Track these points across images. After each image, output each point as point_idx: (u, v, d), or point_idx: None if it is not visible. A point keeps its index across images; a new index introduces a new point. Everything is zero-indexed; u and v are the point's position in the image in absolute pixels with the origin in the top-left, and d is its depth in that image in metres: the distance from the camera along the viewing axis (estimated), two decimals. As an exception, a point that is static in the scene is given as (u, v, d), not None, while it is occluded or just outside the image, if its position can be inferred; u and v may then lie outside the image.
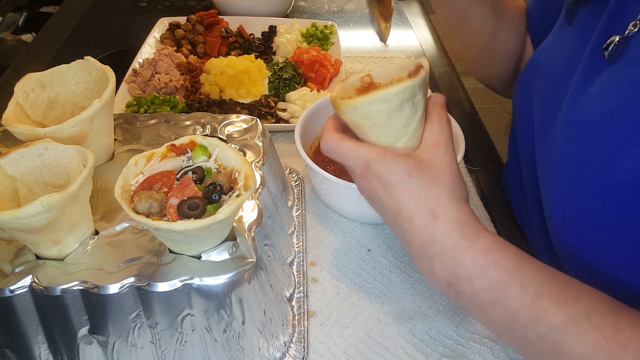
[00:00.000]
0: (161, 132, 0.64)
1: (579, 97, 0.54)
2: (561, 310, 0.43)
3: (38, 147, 0.49)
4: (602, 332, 0.41)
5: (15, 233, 0.45)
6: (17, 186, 0.48)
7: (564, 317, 0.42)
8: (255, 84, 0.98)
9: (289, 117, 0.91)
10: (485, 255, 0.46)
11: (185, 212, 0.44)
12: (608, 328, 0.41)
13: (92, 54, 0.59)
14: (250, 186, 0.44)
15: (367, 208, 0.70)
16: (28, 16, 1.68)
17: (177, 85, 0.95)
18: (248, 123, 0.66)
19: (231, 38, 1.12)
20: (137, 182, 0.46)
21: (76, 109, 0.59)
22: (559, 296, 0.43)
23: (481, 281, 0.45)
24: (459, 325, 0.61)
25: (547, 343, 0.43)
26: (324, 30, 1.14)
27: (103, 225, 0.51)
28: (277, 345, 0.55)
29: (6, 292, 0.45)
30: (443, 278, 0.47)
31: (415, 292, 0.64)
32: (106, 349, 0.49)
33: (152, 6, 1.34)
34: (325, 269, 0.67)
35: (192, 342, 0.49)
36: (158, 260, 0.48)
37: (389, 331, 0.60)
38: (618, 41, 0.51)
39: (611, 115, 0.49)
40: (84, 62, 0.58)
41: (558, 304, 0.43)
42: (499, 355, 0.57)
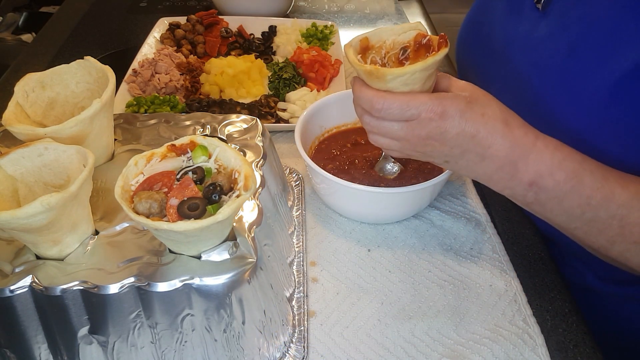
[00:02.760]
0: (161, 132, 0.64)
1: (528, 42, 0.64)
2: (624, 190, 0.52)
3: (38, 147, 0.49)
4: None
5: (15, 233, 0.45)
6: (17, 186, 0.48)
7: (628, 195, 0.52)
8: (255, 84, 0.98)
9: (289, 117, 0.91)
10: (558, 150, 0.53)
11: (185, 213, 0.44)
12: None
13: (92, 54, 0.59)
14: (250, 186, 0.44)
15: (367, 208, 0.71)
16: (28, 16, 1.68)
17: (177, 85, 0.95)
18: (248, 123, 0.66)
19: (231, 38, 1.12)
20: (137, 182, 0.46)
21: (76, 109, 0.59)
22: (620, 179, 0.53)
23: (560, 173, 0.52)
24: (459, 325, 0.61)
25: (615, 219, 0.52)
26: (324, 30, 1.14)
27: (103, 225, 0.51)
28: (277, 345, 0.55)
29: (6, 292, 0.45)
30: (526, 178, 0.53)
31: (415, 292, 0.64)
32: (106, 349, 0.49)
33: (152, 6, 1.34)
34: (325, 269, 0.67)
35: (192, 342, 0.49)
36: (158, 260, 0.48)
37: (389, 331, 0.60)
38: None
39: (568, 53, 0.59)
40: (84, 62, 0.58)
41: (621, 185, 0.52)
42: (499, 355, 0.57)
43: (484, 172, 0.55)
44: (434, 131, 0.53)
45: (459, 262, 0.68)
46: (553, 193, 0.53)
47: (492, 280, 0.65)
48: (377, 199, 0.67)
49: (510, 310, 0.62)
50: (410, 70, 0.51)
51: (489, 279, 0.66)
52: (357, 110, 0.59)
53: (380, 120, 0.55)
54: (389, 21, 1.31)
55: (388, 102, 0.52)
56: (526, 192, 0.54)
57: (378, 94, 0.53)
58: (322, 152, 0.79)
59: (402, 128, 0.54)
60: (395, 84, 0.52)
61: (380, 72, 0.51)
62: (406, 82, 0.52)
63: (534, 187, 0.53)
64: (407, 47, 0.55)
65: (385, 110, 0.53)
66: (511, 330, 0.60)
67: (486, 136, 0.52)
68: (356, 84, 0.56)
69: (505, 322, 0.61)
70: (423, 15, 1.39)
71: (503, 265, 0.67)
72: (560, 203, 0.54)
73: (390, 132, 0.55)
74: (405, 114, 0.53)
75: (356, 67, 0.54)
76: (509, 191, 0.56)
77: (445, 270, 0.67)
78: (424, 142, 0.54)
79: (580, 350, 0.59)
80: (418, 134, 0.54)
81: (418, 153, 0.57)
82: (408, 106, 0.52)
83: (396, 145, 0.57)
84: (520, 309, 0.62)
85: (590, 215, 0.53)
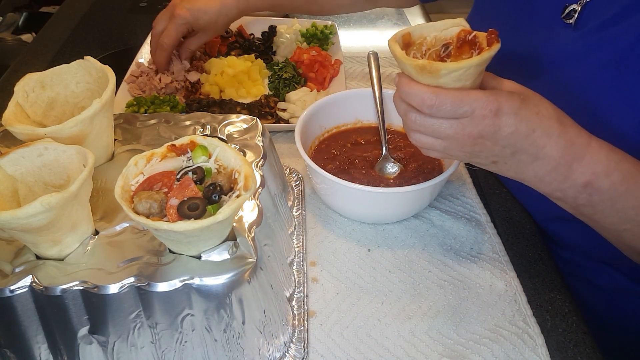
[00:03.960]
0: (161, 132, 0.64)
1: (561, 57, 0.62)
2: None
3: (38, 147, 0.49)
4: None
5: (15, 233, 0.45)
6: (17, 186, 0.48)
7: None
8: (255, 84, 0.98)
9: (289, 117, 0.91)
10: (613, 151, 0.52)
11: (185, 213, 0.44)
12: None
13: (92, 54, 0.59)
14: (250, 186, 0.44)
15: (367, 208, 0.71)
16: (28, 16, 1.67)
17: (177, 85, 0.95)
18: (248, 123, 0.66)
19: (231, 38, 1.12)
20: (137, 183, 0.46)
21: (76, 109, 0.59)
22: None
23: (617, 174, 0.51)
24: (459, 325, 0.61)
25: None
26: (324, 30, 1.13)
27: (103, 225, 0.51)
28: (277, 345, 0.55)
29: (6, 292, 0.45)
30: (581, 180, 0.52)
31: (415, 292, 0.64)
32: (106, 349, 0.49)
33: (152, 6, 1.33)
34: (325, 269, 0.67)
35: (192, 342, 0.49)
36: (158, 260, 0.48)
37: (389, 331, 0.60)
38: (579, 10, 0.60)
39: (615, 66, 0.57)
40: (84, 62, 0.58)
41: None
42: (499, 355, 0.57)
43: (535, 173, 0.53)
44: (487, 129, 0.50)
45: (459, 262, 0.68)
46: (608, 194, 0.52)
47: (492, 280, 0.65)
48: (377, 199, 0.67)
49: (510, 310, 0.62)
50: (467, 65, 0.49)
51: (489, 279, 0.66)
52: (401, 107, 0.55)
53: (429, 118, 0.52)
54: (389, 21, 1.31)
55: (441, 98, 0.50)
56: (579, 194, 0.53)
57: (430, 89, 0.50)
58: (322, 152, 0.79)
59: (452, 126, 0.51)
60: (448, 80, 0.50)
61: (434, 67, 0.49)
62: (459, 77, 0.50)
63: (588, 189, 0.52)
64: (450, 44, 0.53)
65: (437, 107, 0.50)
66: (511, 330, 0.60)
67: (541, 135, 0.51)
68: (403, 79, 0.53)
69: (505, 322, 0.61)
70: (423, 16, 1.39)
71: (503, 265, 0.67)
72: (614, 204, 0.53)
73: (438, 130, 0.52)
74: (459, 110, 0.50)
75: (405, 62, 0.51)
76: (559, 193, 0.54)
77: (445, 270, 0.67)
78: (474, 140, 0.52)
79: (580, 350, 0.59)
80: (469, 132, 0.51)
81: (464, 153, 0.55)
82: (462, 102, 0.50)
83: (440, 145, 0.54)
84: (520, 309, 0.62)
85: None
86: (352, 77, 1.06)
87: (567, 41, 0.62)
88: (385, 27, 1.29)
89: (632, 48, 0.57)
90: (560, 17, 0.63)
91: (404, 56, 0.51)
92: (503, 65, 0.68)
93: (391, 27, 1.29)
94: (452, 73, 0.49)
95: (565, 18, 0.62)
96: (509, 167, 0.54)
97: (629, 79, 0.57)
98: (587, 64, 0.60)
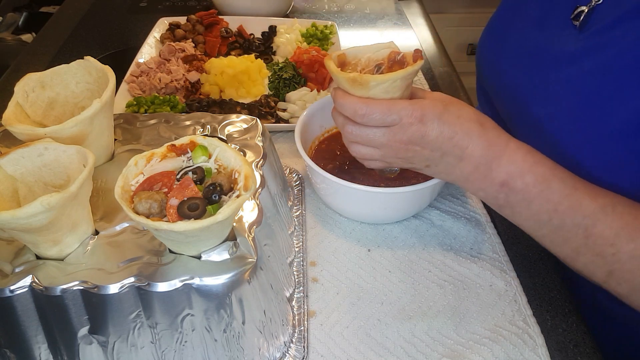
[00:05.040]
0: (161, 132, 0.64)
1: (562, 59, 0.63)
2: (592, 201, 0.52)
3: (38, 147, 0.49)
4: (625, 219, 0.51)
5: (15, 233, 0.45)
6: (17, 186, 0.48)
7: (595, 207, 0.52)
8: (255, 84, 0.98)
9: (289, 117, 0.91)
10: (530, 153, 0.55)
11: (185, 213, 0.44)
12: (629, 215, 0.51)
13: (92, 54, 0.59)
14: (250, 186, 0.44)
15: (367, 208, 0.71)
16: (28, 16, 1.68)
17: (178, 85, 0.95)
18: (248, 123, 0.66)
19: (231, 38, 1.12)
20: (137, 183, 0.46)
21: (76, 109, 0.59)
22: (590, 190, 0.53)
23: (530, 176, 0.54)
24: (459, 325, 0.61)
25: (580, 228, 0.52)
26: (324, 30, 1.13)
27: (103, 225, 0.51)
28: (277, 345, 0.55)
29: (6, 292, 0.45)
30: (498, 178, 0.55)
31: (415, 292, 0.64)
32: (106, 349, 0.49)
33: (152, 6, 1.34)
34: (325, 269, 0.67)
35: (192, 342, 0.49)
36: (158, 260, 0.48)
37: (389, 331, 0.60)
38: (586, 12, 0.61)
39: (602, 73, 0.57)
40: (84, 62, 0.58)
41: (590, 196, 0.53)
42: (499, 355, 0.57)
43: (461, 172, 0.57)
44: (415, 135, 0.55)
45: (459, 262, 0.68)
46: (522, 195, 0.54)
47: (492, 280, 0.65)
48: (377, 199, 0.67)
49: (510, 310, 0.62)
50: (392, 77, 0.54)
51: (489, 279, 0.66)
52: (338, 121, 0.60)
53: (363, 128, 0.57)
54: (389, 21, 1.31)
55: (371, 108, 0.55)
56: (497, 194, 0.56)
57: (361, 99, 0.55)
58: (322, 152, 0.79)
59: (385, 134, 0.56)
60: (377, 91, 0.55)
61: (364, 79, 0.54)
62: (387, 89, 0.55)
63: (504, 188, 0.55)
64: (381, 64, 0.58)
65: (368, 116, 0.55)
66: (511, 330, 0.60)
67: (463, 137, 0.54)
68: (338, 92, 0.58)
69: (505, 322, 0.61)
70: (423, 15, 1.39)
71: (503, 265, 0.67)
72: (529, 207, 0.55)
73: (373, 139, 0.57)
74: (387, 119, 0.55)
75: (339, 76, 0.56)
76: (482, 193, 0.58)
77: (445, 270, 0.67)
78: (405, 147, 0.56)
79: (580, 350, 0.59)
80: (400, 138, 0.56)
81: (400, 159, 0.59)
82: (390, 111, 0.54)
83: (378, 154, 0.59)
84: (520, 309, 0.62)
85: (556, 222, 0.54)
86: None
87: (570, 42, 0.63)
88: (385, 27, 1.29)
89: (623, 53, 0.56)
90: (570, 18, 0.63)
91: (338, 71, 0.57)
92: (515, 58, 0.71)
93: (391, 27, 1.29)
94: (381, 85, 0.55)
95: (574, 19, 0.62)
96: (440, 170, 0.58)
97: (609, 87, 0.57)
98: (580, 67, 0.60)
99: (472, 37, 1.85)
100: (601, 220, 0.52)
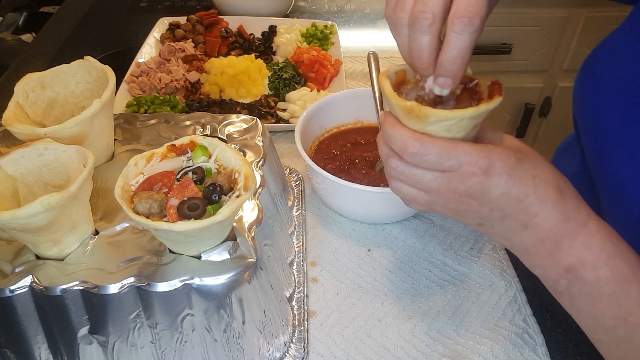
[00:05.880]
0: (161, 132, 0.64)
1: None
2: None
3: (38, 147, 0.49)
4: None
5: (16, 233, 0.45)
6: (17, 186, 0.48)
7: None
8: (255, 84, 0.98)
9: (289, 117, 0.91)
10: (612, 241, 0.44)
11: (185, 213, 0.44)
12: None
13: (92, 54, 0.59)
14: (250, 186, 0.44)
15: (367, 208, 0.71)
16: (28, 16, 1.67)
17: (178, 85, 0.95)
18: (248, 123, 0.66)
19: (231, 38, 1.12)
20: (137, 183, 0.46)
21: (76, 109, 0.59)
22: None
23: (605, 270, 0.43)
24: (459, 325, 0.61)
25: None
26: (324, 30, 1.14)
27: (103, 225, 0.51)
28: (277, 345, 0.55)
29: (6, 292, 0.45)
30: (565, 262, 0.44)
31: (415, 292, 0.64)
32: (106, 349, 0.49)
33: (152, 6, 1.34)
34: (325, 269, 0.67)
35: (192, 342, 0.49)
36: (158, 260, 0.48)
37: (389, 331, 0.60)
38: None
39: None
40: (84, 62, 0.58)
41: None
42: (499, 355, 0.57)
43: (522, 242, 0.47)
44: (474, 188, 0.44)
45: (459, 262, 0.68)
46: (588, 289, 0.44)
47: (492, 280, 0.65)
48: (377, 199, 0.67)
49: (510, 310, 0.62)
50: (459, 116, 0.43)
51: (489, 279, 0.66)
52: (383, 151, 0.49)
53: (412, 167, 0.46)
54: (389, 21, 1.31)
55: (426, 147, 0.44)
56: (559, 278, 0.46)
57: (415, 135, 0.44)
58: (322, 152, 0.79)
59: (437, 179, 0.46)
60: (437, 128, 0.45)
61: (423, 112, 0.44)
62: (450, 127, 0.44)
63: (570, 275, 0.45)
64: None
65: (420, 156, 0.44)
66: (511, 330, 0.60)
67: (534, 202, 0.44)
68: (388, 120, 0.47)
69: (505, 322, 0.61)
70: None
71: (503, 265, 0.67)
72: (593, 305, 0.45)
73: (421, 182, 0.47)
74: (444, 163, 0.44)
75: (392, 101, 0.46)
76: (540, 270, 0.48)
77: (445, 270, 0.67)
78: (459, 198, 0.46)
79: (580, 350, 0.59)
80: (455, 188, 0.45)
81: (448, 210, 0.49)
82: (449, 154, 0.43)
83: (423, 199, 0.48)
84: (520, 309, 0.62)
85: (623, 333, 0.44)
86: (352, 77, 1.06)
87: None
88: (385, 27, 1.29)
89: None
90: None
91: (392, 94, 0.46)
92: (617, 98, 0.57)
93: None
94: (443, 122, 0.44)
95: None
96: (496, 232, 0.48)
97: None
98: None
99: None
100: None
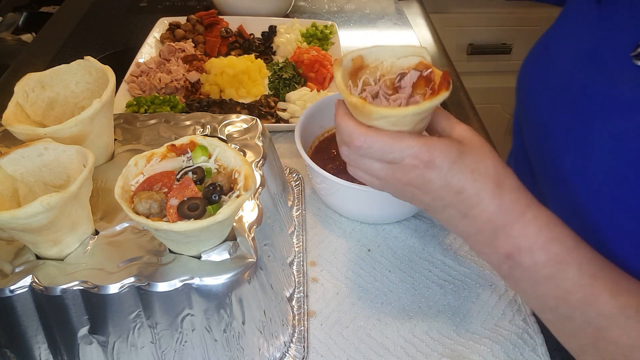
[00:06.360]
0: (161, 132, 0.64)
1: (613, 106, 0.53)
2: (613, 298, 0.43)
3: (38, 147, 0.49)
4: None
5: (15, 233, 0.45)
6: (17, 186, 0.48)
7: (615, 306, 0.43)
8: (255, 84, 0.98)
9: (289, 117, 0.91)
10: (548, 227, 0.46)
11: (185, 213, 0.44)
12: None
13: (92, 54, 0.59)
14: (250, 186, 0.44)
15: (367, 208, 0.71)
16: (28, 16, 1.67)
17: (178, 85, 0.95)
18: (248, 123, 0.66)
19: (231, 38, 1.12)
20: (137, 183, 0.46)
21: (76, 109, 0.59)
22: (612, 284, 0.44)
23: (542, 254, 0.45)
24: (459, 325, 0.61)
25: (591, 327, 0.44)
26: (324, 30, 1.14)
27: (103, 225, 0.51)
28: (277, 345, 0.55)
29: (6, 292, 0.45)
30: (504, 249, 0.47)
31: (415, 292, 0.64)
32: (106, 349, 0.49)
33: (152, 6, 1.34)
34: (325, 269, 0.67)
35: (192, 342, 0.49)
36: (158, 260, 0.48)
37: (389, 331, 0.60)
38: None
39: None
40: (84, 62, 0.58)
41: (611, 291, 0.44)
42: (499, 355, 0.57)
43: (464, 230, 0.50)
44: (417, 179, 0.47)
45: (459, 262, 0.68)
46: (528, 274, 0.46)
47: (493, 280, 0.65)
48: (377, 199, 0.67)
49: (510, 310, 0.62)
50: (400, 113, 0.44)
51: (489, 279, 0.66)
52: (338, 139, 0.51)
53: (361, 157, 0.49)
54: (389, 21, 1.31)
55: (369, 141, 0.46)
56: (500, 264, 0.48)
57: (360, 129, 0.46)
58: (322, 152, 0.79)
59: (383, 169, 0.48)
60: (382, 123, 0.46)
61: (367, 109, 0.45)
62: (395, 122, 0.46)
63: (509, 261, 0.47)
64: (405, 74, 0.49)
65: (365, 149, 0.47)
66: (511, 330, 0.60)
67: (472, 195, 0.46)
68: (339, 111, 0.49)
69: (505, 322, 0.61)
70: (423, 15, 1.39)
71: (503, 265, 0.67)
72: (535, 287, 0.47)
73: (371, 170, 0.50)
74: (387, 156, 0.47)
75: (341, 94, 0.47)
76: (484, 256, 0.50)
77: (445, 270, 0.67)
78: (404, 187, 0.49)
79: (580, 350, 0.59)
80: (399, 177, 0.48)
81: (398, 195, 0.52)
82: (391, 149, 0.46)
83: (376, 183, 0.52)
84: (520, 309, 0.62)
85: (564, 312, 0.46)
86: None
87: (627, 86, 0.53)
88: (385, 27, 1.29)
89: None
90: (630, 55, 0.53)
91: (342, 88, 0.47)
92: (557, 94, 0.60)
93: (391, 27, 1.29)
94: (385, 118, 0.45)
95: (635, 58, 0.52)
96: (441, 218, 0.51)
97: None
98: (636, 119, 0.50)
99: (472, 37, 1.85)
100: (618, 324, 0.43)
